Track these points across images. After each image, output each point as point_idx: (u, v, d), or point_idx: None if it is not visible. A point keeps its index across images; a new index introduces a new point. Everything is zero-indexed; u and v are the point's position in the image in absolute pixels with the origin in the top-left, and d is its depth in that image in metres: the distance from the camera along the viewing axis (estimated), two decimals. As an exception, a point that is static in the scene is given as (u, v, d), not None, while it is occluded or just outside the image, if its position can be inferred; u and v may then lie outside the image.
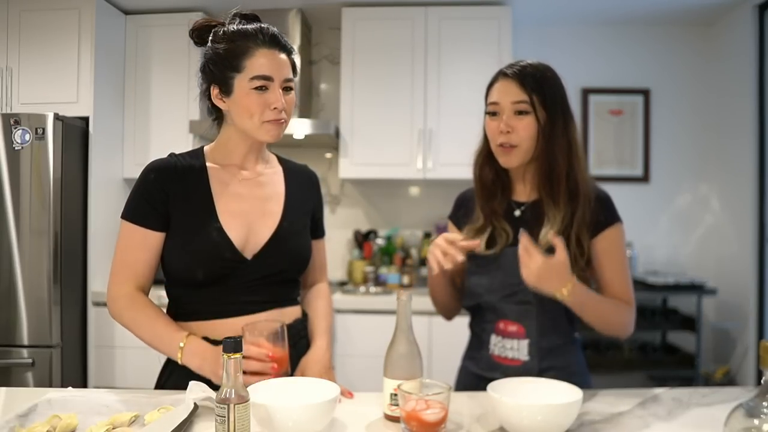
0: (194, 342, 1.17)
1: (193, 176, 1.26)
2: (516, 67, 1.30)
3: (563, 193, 1.27)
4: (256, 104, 1.20)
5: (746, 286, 3.07)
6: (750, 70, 3.07)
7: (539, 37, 3.45)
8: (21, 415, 0.98)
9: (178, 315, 1.26)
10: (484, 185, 1.37)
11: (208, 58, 1.24)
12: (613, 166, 3.47)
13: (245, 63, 1.20)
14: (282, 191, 1.34)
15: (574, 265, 1.24)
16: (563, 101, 1.29)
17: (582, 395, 0.98)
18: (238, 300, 1.24)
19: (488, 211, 1.36)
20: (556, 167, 1.26)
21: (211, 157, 1.30)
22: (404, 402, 0.97)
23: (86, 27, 2.90)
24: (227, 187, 1.27)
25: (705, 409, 1.13)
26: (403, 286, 3.23)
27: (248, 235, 1.25)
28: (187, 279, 1.23)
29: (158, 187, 1.23)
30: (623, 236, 1.33)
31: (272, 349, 1.12)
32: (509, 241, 1.32)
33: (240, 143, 1.28)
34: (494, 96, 1.31)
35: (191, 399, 1.01)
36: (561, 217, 1.27)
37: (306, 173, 1.45)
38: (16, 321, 2.63)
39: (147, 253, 1.23)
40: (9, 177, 2.64)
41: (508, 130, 1.27)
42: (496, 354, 1.33)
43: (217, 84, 1.23)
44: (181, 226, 1.23)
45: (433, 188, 3.45)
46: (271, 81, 1.20)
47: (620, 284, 1.31)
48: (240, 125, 1.24)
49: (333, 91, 3.45)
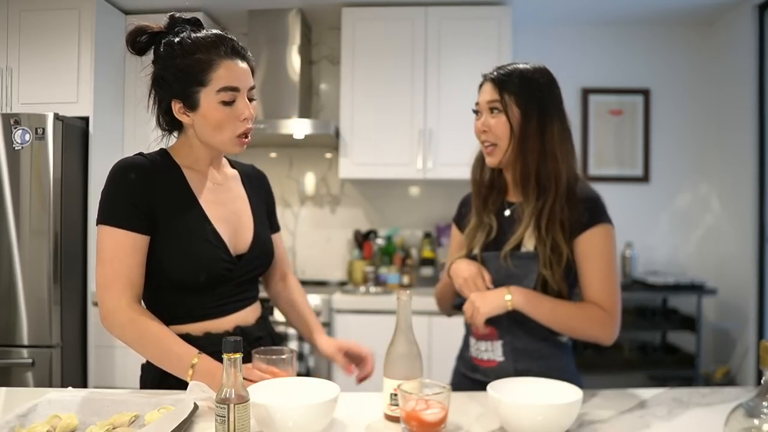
0: (206, 361, 1.13)
1: (171, 177, 1.23)
2: (500, 70, 1.33)
3: (533, 192, 1.29)
4: (226, 119, 1.17)
5: (746, 286, 3.07)
6: (750, 69, 3.07)
7: (539, 37, 3.45)
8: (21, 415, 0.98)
9: (172, 320, 1.21)
10: (481, 184, 1.41)
11: (166, 71, 1.18)
12: (613, 166, 3.47)
13: (210, 76, 1.16)
14: (244, 194, 1.36)
15: (548, 268, 1.26)
16: (543, 101, 1.29)
17: (582, 395, 0.98)
18: (230, 300, 1.26)
19: (482, 208, 1.40)
20: (526, 166, 1.29)
21: (179, 160, 1.26)
22: (404, 402, 0.97)
23: (86, 27, 2.90)
24: (205, 191, 1.26)
25: (705, 409, 1.13)
26: (403, 286, 3.23)
27: (235, 238, 1.27)
28: (188, 283, 1.19)
29: (140, 187, 1.17)
30: (608, 238, 1.28)
31: (282, 376, 1.12)
32: (490, 238, 1.36)
33: (207, 152, 1.26)
34: (478, 97, 1.36)
35: (191, 399, 1.01)
36: (530, 212, 1.29)
37: (257, 174, 1.45)
38: (16, 321, 2.63)
39: (137, 258, 1.16)
40: (9, 177, 2.64)
41: (485, 129, 1.32)
42: (473, 355, 1.37)
43: (179, 99, 1.18)
44: (172, 229, 1.19)
45: (433, 188, 3.45)
46: (237, 92, 1.18)
47: (600, 289, 1.27)
48: (207, 139, 1.21)
49: (333, 91, 3.45)
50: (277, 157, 3.50)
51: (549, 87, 1.32)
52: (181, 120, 1.21)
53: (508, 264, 1.30)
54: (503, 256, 1.30)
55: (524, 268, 1.29)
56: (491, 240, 1.36)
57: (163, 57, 1.19)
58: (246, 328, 1.28)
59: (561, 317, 1.26)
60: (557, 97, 1.32)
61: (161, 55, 1.19)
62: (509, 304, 1.25)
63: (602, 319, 1.26)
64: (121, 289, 1.15)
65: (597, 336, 1.27)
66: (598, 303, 1.27)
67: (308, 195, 3.52)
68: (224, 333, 1.24)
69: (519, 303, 1.25)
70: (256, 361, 1.14)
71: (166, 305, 1.22)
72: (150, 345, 1.15)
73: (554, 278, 1.27)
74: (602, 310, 1.26)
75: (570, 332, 1.29)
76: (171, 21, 1.21)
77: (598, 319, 1.26)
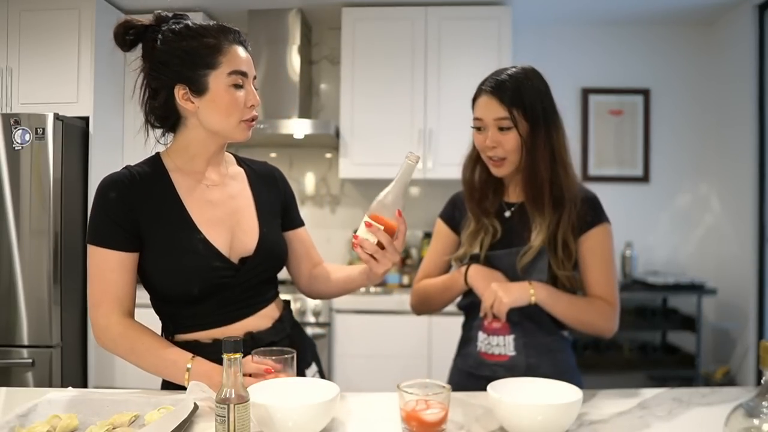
0: (200, 363, 1.12)
1: (157, 187, 1.19)
2: (495, 80, 1.31)
3: (548, 200, 1.30)
4: (235, 103, 1.15)
5: (746, 286, 3.07)
6: (750, 69, 3.07)
7: (539, 37, 3.45)
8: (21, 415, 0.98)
9: (178, 329, 1.21)
10: (474, 188, 1.40)
11: (170, 55, 1.15)
12: (613, 166, 3.47)
13: (219, 59, 1.14)
14: (249, 193, 1.29)
15: (561, 268, 1.30)
16: (545, 108, 1.30)
17: (582, 395, 0.98)
18: (236, 306, 1.22)
19: (480, 211, 1.38)
20: (538, 176, 1.29)
21: (171, 163, 1.23)
22: (404, 402, 0.97)
23: (86, 27, 2.91)
24: (196, 194, 1.21)
25: (705, 409, 1.13)
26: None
27: (232, 241, 1.22)
28: (182, 296, 1.17)
29: (121, 205, 1.15)
30: (609, 237, 1.36)
31: (277, 369, 1.10)
32: (495, 239, 1.36)
33: (206, 145, 1.21)
34: (478, 112, 1.34)
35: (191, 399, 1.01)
36: (547, 224, 1.31)
37: (268, 171, 1.38)
38: (16, 321, 2.63)
39: (125, 275, 1.15)
40: (9, 177, 2.64)
41: (494, 146, 1.30)
42: (483, 351, 1.36)
43: (185, 83, 1.15)
44: (159, 243, 1.16)
45: (433, 188, 3.45)
46: (246, 77, 1.17)
47: (605, 284, 1.34)
48: (213, 125, 1.18)
49: (333, 91, 3.45)
50: (277, 157, 3.50)
51: (547, 92, 1.33)
52: (184, 107, 1.17)
53: (513, 265, 1.31)
54: (521, 267, 1.31)
55: (535, 263, 1.31)
56: (497, 242, 1.36)
57: (166, 42, 1.15)
58: (258, 334, 1.22)
59: (575, 312, 1.32)
60: (553, 99, 1.34)
61: (163, 41, 1.15)
62: (533, 298, 1.27)
63: (608, 312, 1.33)
64: (110, 307, 1.15)
65: (602, 328, 1.34)
66: (602, 297, 1.34)
67: (308, 195, 3.52)
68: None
69: (542, 297, 1.28)
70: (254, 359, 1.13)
71: (170, 316, 1.22)
72: (143, 356, 1.15)
73: (566, 276, 1.32)
74: (607, 304, 1.33)
75: (579, 325, 1.33)
76: (157, 18, 1.18)
77: (605, 312, 1.33)
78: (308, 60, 3.42)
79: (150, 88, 1.19)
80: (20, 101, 2.92)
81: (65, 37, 2.91)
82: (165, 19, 1.18)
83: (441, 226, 1.50)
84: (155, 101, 1.19)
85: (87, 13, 2.91)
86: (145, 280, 1.20)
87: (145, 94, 1.20)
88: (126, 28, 1.17)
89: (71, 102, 2.90)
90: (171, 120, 1.22)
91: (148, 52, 1.18)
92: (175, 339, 1.22)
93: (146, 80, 1.19)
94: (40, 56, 2.92)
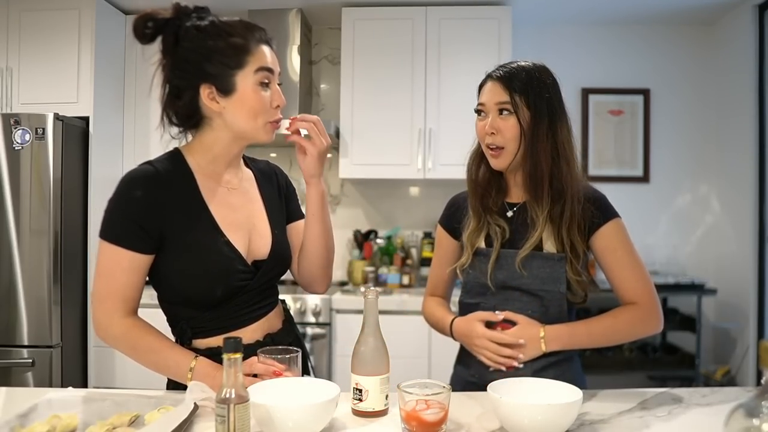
0: (203, 364, 1.12)
1: (182, 185, 1.17)
2: (504, 68, 1.30)
3: (546, 194, 1.26)
4: (261, 103, 1.14)
5: (746, 286, 3.07)
6: (750, 70, 3.07)
7: (539, 37, 3.45)
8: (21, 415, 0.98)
9: (197, 334, 1.19)
10: (478, 184, 1.37)
11: (196, 54, 1.12)
12: (613, 166, 3.47)
13: (247, 59, 1.13)
14: (259, 197, 1.30)
15: (574, 273, 1.26)
16: (551, 102, 1.28)
17: (582, 395, 0.98)
18: (252, 308, 1.23)
19: (482, 209, 1.35)
20: (538, 168, 1.26)
21: (194, 162, 1.20)
22: (404, 402, 0.97)
23: (86, 27, 2.91)
24: (218, 197, 1.20)
25: (705, 409, 1.13)
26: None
27: (249, 246, 1.22)
28: (204, 298, 1.16)
29: (146, 205, 1.11)
30: (624, 231, 1.30)
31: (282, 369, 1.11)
32: (505, 238, 1.32)
33: (230, 147, 1.20)
34: (481, 97, 1.32)
35: (191, 399, 1.01)
36: (545, 215, 1.27)
37: (269, 170, 1.38)
38: (16, 321, 2.63)
39: (135, 276, 1.13)
40: (9, 177, 2.64)
41: (493, 131, 1.27)
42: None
43: (212, 83, 1.12)
44: (182, 244, 1.14)
45: (433, 188, 3.45)
46: (273, 74, 1.16)
47: (634, 282, 1.27)
48: (239, 126, 1.16)
49: (333, 91, 3.45)
50: (277, 157, 3.50)
51: (555, 87, 1.30)
52: (209, 107, 1.14)
53: (525, 268, 1.27)
54: (519, 262, 1.27)
55: (554, 271, 1.26)
56: (506, 241, 1.32)
57: (190, 39, 1.12)
58: (275, 336, 1.25)
59: (599, 336, 1.27)
60: (562, 97, 1.31)
61: (188, 38, 1.12)
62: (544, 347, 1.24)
63: (640, 316, 1.26)
64: (114, 305, 1.13)
65: (642, 334, 1.28)
66: (634, 297, 1.27)
67: (308, 195, 3.52)
68: (255, 343, 1.19)
69: (554, 347, 1.24)
70: (260, 359, 1.13)
71: (188, 320, 1.19)
72: (146, 355, 1.15)
73: (577, 281, 1.26)
74: (637, 307, 1.26)
75: (614, 343, 1.31)
76: (176, 9, 1.14)
77: (637, 318, 1.26)
78: (308, 60, 3.42)
79: (172, 86, 1.16)
80: (20, 101, 2.92)
81: (65, 37, 2.91)
82: (185, 11, 1.15)
83: (441, 233, 1.48)
84: (179, 100, 1.16)
85: (87, 13, 2.91)
86: (160, 283, 1.18)
87: (167, 91, 1.17)
88: (146, 20, 1.12)
89: (71, 102, 2.90)
90: (194, 119, 1.19)
91: (169, 48, 1.14)
92: (193, 345, 1.19)
93: (168, 77, 1.16)
94: (40, 56, 2.92)
